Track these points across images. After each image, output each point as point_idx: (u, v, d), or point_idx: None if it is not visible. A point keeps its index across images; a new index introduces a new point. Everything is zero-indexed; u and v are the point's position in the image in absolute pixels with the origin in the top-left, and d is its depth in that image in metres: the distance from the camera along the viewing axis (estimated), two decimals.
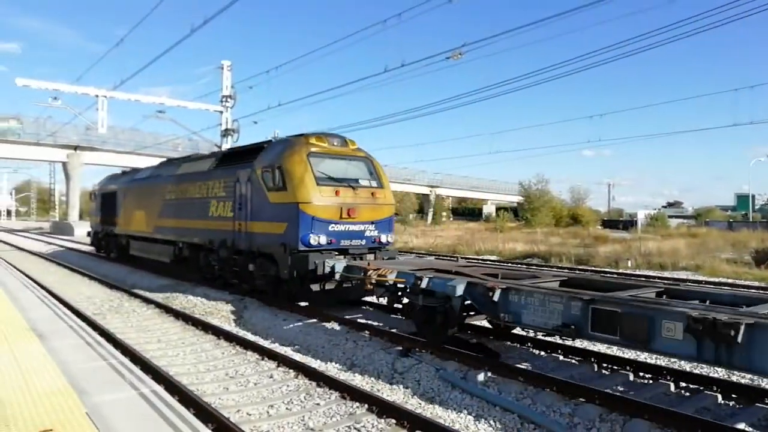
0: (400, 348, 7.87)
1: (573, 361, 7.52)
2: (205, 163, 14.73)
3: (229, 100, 26.18)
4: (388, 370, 7.25)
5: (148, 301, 12.47)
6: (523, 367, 6.94)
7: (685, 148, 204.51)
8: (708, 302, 6.21)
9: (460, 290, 7.22)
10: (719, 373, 6.89)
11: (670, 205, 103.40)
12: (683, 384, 6.48)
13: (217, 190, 13.31)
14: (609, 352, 7.78)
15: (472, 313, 7.86)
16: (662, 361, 7.37)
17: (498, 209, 73.31)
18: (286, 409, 5.96)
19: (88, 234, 26.24)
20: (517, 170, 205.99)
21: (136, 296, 13.19)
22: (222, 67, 26.05)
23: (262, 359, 7.80)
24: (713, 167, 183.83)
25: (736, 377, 6.77)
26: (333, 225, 10.71)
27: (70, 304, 11.33)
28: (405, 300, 8.52)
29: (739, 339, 4.64)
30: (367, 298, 11.04)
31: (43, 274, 17.62)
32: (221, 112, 26.34)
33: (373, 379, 7.00)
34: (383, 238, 11.51)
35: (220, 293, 13.02)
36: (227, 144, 26.29)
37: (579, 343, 8.11)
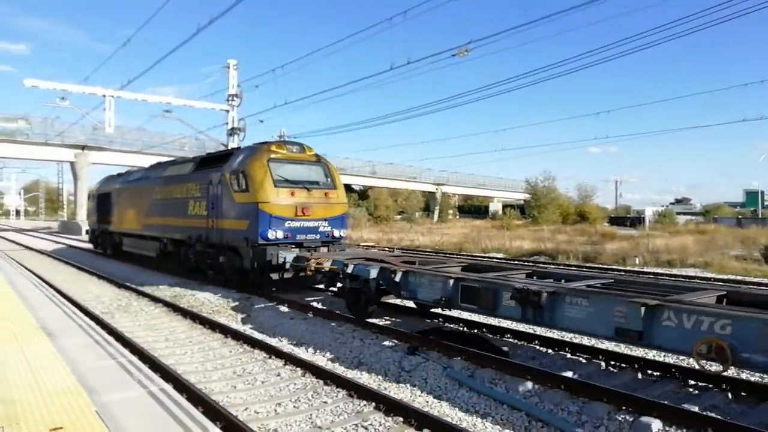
0: (407, 346, 7.87)
1: (580, 359, 7.49)
2: (186, 167, 16.18)
3: (235, 99, 26.24)
4: (395, 369, 7.25)
5: (156, 300, 12.53)
6: (530, 365, 6.91)
7: (693, 144, 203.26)
8: (563, 281, 7.63)
9: (374, 274, 8.94)
10: (729, 371, 6.83)
11: (678, 201, 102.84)
12: (692, 381, 6.45)
13: (194, 192, 14.79)
14: (617, 349, 7.74)
15: (386, 293, 9.31)
16: (670, 359, 7.34)
17: (504, 207, 73.17)
18: (294, 407, 5.98)
19: (86, 232, 27.90)
20: (523, 168, 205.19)
21: (144, 295, 13.26)
22: (228, 66, 26.11)
23: (270, 357, 7.82)
24: (721, 163, 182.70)
25: (746, 375, 6.72)
26: (289, 222, 12.25)
27: (79, 303, 11.41)
28: (339, 284, 10.07)
29: (542, 303, 6.30)
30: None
31: (52, 273, 17.74)
32: (227, 111, 26.40)
33: (380, 377, 7.01)
34: (336, 233, 13.09)
35: (227, 292, 13.09)
36: (233, 143, 26.37)
37: (587, 341, 8.10)
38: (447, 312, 9.82)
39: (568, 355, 7.65)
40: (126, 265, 19.30)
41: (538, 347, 8.10)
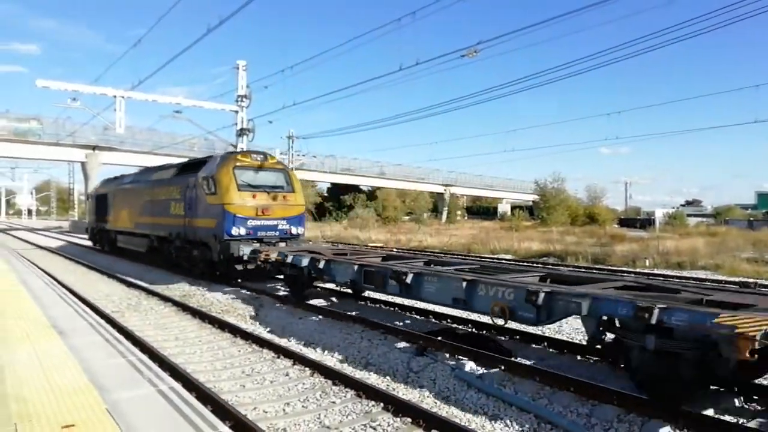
0: (416, 347, 7.87)
1: (590, 360, 7.44)
2: (169, 172, 18.24)
3: (244, 99, 26.35)
4: (403, 369, 7.25)
5: (165, 299, 12.60)
6: (539, 366, 6.88)
7: (704, 145, 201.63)
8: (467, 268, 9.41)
9: (305, 263, 10.89)
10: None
11: (688, 203, 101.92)
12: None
13: (175, 194, 16.58)
14: None
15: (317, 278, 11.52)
16: None
17: (513, 208, 72.90)
18: (302, 407, 5.99)
19: (86, 230, 29.65)
20: (532, 169, 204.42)
21: (154, 294, 13.34)
22: (237, 67, 26.22)
23: (278, 357, 7.84)
24: (733, 165, 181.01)
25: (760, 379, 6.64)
26: (251, 220, 14.08)
27: (90, 302, 11.50)
28: (286, 272, 11.93)
29: (410, 282, 8.32)
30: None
31: (63, 272, 17.90)
32: (237, 112, 26.51)
33: (388, 377, 7.01)
34: (294, 231, 14.97)
35: (236, 292, 13.16)
36: (243, 143, 26.48)
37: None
38: (453, 312, 9.83)
39: (579, 357, 7.61)
40: (136, 265, 19.43)
41: (547, 349, 8.06)
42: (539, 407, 5.78)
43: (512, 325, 8.92)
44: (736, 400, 5.87)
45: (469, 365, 7.02)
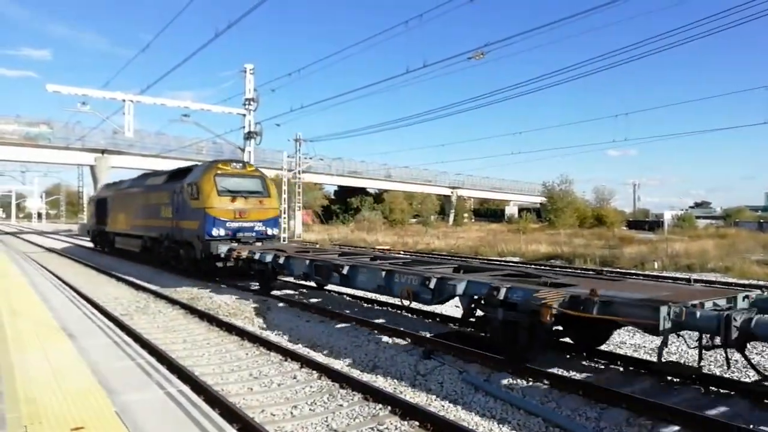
0: (423, 350, 7.85)
1: (599, 364, 7.40)
2: (160, 179, 19.87)
3: (251, 103, 26.45)
4: (410, 372, 7.23)
5: (173, 302, 12.66)
6: (547, 370, 6.85)
7: (713, 147, 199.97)
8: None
9: (269, 259, 12.48)
10: (751, 375, 6.72)
11: (697, 205, 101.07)
12: (713, 388, 6.33)
13: (164, 199, 18.08)
14: (636, 355, 7.64)
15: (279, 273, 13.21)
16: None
17: (521, 210, 72.64)
18: (310, 410, 5.99)
19: (87, 233, 31.99)
20: (539, 171, 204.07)
21: (162, 297, 13.40)
22: (245, 70, 26.34)
23: (286, 360, 7.85)
24: (742, 166, 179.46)
25: None
26: (229, 222, 15.57)
27: (99, 305, 11.56)
28: (255, 268, 13.55)
29: (345, 272, 9.93)
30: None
31: (72, 275, 18.02)
32: (244, 115, 26.62)
33: (395, 380, 7.00)
34: (269, 232, 16.50)
35: (244, 294, 13.19)
36: (250, 147, 26.58)
37: (605, 347, 8.01)
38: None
39: (585, 362, 7.56)
40: (144, 268, 19.54)
41: (555, 352, 8.01)
42: (547, 411, 5.75)
43: None
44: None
45: (477, 368, 7.00)
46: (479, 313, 7.68)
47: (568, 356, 7.78)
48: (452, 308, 10.74)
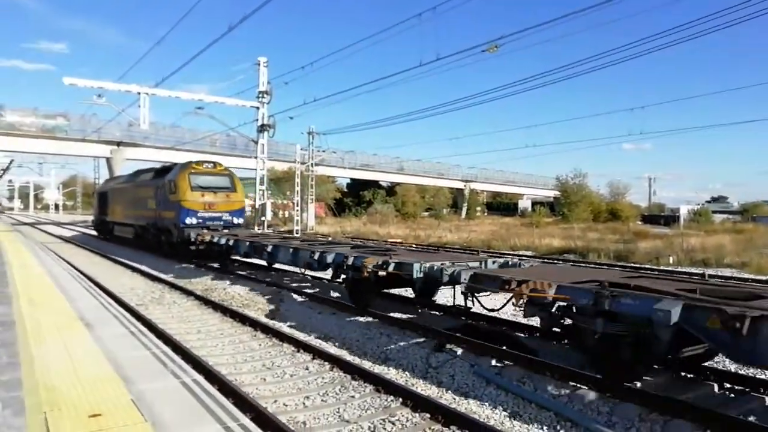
0: (435, 343, 7.87)
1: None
2: (148, 176, 23.15)
3: (265, 96, 26.52)
4: (422, 365, 7.26)
5: (187, 292, 12.80)
6: (559, 364, 6.83)
7: (731, 141, 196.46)
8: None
9: (223, 242, 15.70)
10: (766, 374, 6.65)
11: (714, 200, 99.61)
12: (728, 385, 6.28)
13: (150, 193, 21.21)
14: None
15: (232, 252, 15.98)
16: (706, 362, 7.15)
17: (534, 204, 72.13)
18: (322, 400, 6.05)
19: (92, 222, 35.95)
20: (553, 164, 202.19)
21: (177, 288, 13.56)
22: (258, 63, 26.39)
23: (298, 351, 7.92)
24: (760, 160, 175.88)
25: None
26: (200, 213, 18.66)
27: (115, 295, 11.72)
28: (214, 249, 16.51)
29: (270, 251, 12.93)
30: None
31: (88, 265, 18.27)
32: (258, 108, 26.71)
33: (407, 373, 7.03)
34: (235, 221, 19.62)
35: (257, 286, 13.30)
36: (263, 139, 26.68)
37: None
38: (473, 309, 9.80)
39: None
40: (159, 259, 19.77)
41: (566, 347, 7.98)
42: (559, 405, 5.74)
43: (533, 321, 8.91)
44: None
45: (489, 362, 7.00)
46: (343, 276, 10.51)
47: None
48: (460, 300, 10.73)
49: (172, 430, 3.26)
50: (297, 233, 31.13)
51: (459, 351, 7.47)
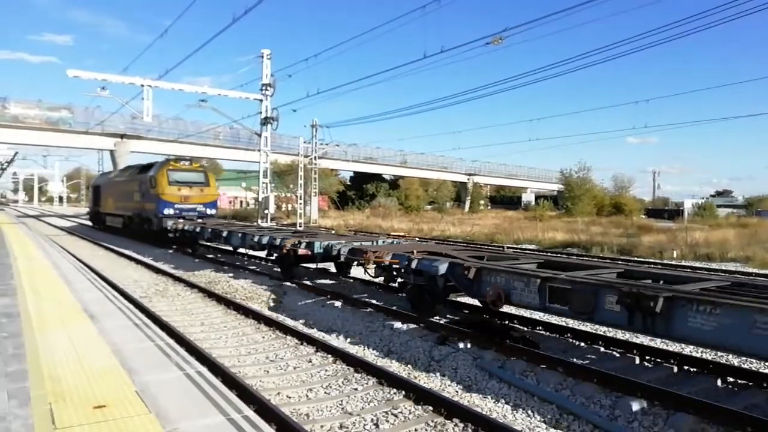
0: (437, 336, 7.89)
1: (614, 353, 7.37)
2: (135, 172, 25.60)
3: (268, 88, 26.50)
4: (424, 358, 7.28)
5: (191, 285, 12.84)
6: (562, 357, 6.84)
7: (736, 134, 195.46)
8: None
9: (189, 228, 18.08)
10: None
11: (719, 194, 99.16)
12: (731, 379, 6.28)
13: (135, 187, 23.86)
14: (652, 344, 7.59)
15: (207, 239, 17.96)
16: (708, 355, 7.16)
17: (538, 198, 72.00)
18: (325, 393, 6.07)
19: (87, 213, 40.32)
20: (557, 158, 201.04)
21: (180, 280, 13.60)
22: (262, 56, 26.34)
23: (301, 344, 7.95)
24: (766, 154, 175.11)
25: None
26: (177, 204, 21.24)
27: (119, 287, 11.78)
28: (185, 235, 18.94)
29: (224, 236, 15.87)
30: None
31: (92, 257, 18.35)
32: (261, 101, 26.68)
33: (410, 366, 7.05)
34: (208, 212, 22.32)
35: (260, 279, 13.34)
36: (267, 132, 26.64)
37: (621, 335, 7.96)
38: (475, 303, 9.81)
39: (602, 349, 7.54)
40: (163, 252, 19.84)
41: (570, 340, 8.00)
42: (562, 398, 5.75)
43: (536, 315, 8.95)
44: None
45: (491, 355, 7.02)
46: (275, 254, 13.30)
47: (582, 344, 7.76)
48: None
49: (177, 421, 3.28)
50: (300, 226, 31.16)
51: (461, 344, 7.48)
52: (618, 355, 7.28)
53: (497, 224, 35.62)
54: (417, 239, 23.59)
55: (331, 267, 13.87)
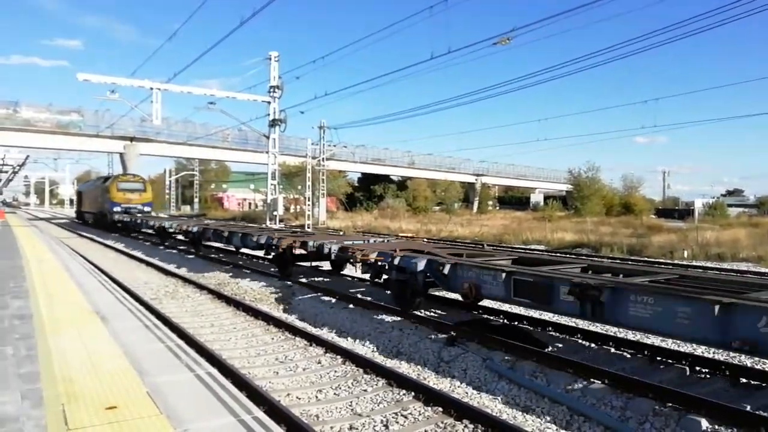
0: (447, 337, 7.87)
1: (625, 353, 7.32)
2: (101, 182, 37.80)
3: (276, 90, 26.59)
4: (434, 359, 7.27)
5: (201, 287, 12.90)
6: (572, 358, 6.81)
7: (747, 133, 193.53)
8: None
9: (128, 219, 29.59)
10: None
11: (729, 193, 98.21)
12: (743, 380, 6.22)
13: (99, 192, 35.92)
14: (663, 344, 7.53)
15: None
16: (720, 356, 7.10)
17: (546, 198, 71.66)
18: (334, 394, 6.08)
19: (75, 212, 52.96)
20: (566, 158, 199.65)
21: (190, 282, 13.67)
22: (270, 58, 26.44)
23: (311, 345, 7.96)
24: None
25: None
26: (122, 205, 32.90)
27: (129, 289, 11.85)
28: (127, 226, 29.57)
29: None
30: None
31: (103, 259, 18.50)
32: (269, 103, 26.77)
33: (419, 367, 7.04)
34: (145, 210, 33.53)
35: (269, 281, 13.37)
36: (275, 134, 26.73)
37: (631, 336, 7.91)
38: (484, 303, 9.80)
39: (612, 350, 7.49)
40: (172, 254, 19.95)
41: (580, 341, 7.96)
42: (572, 399, 5.72)
43: (545, 316, 8.91)
44: None
45: (501, 356, 6.99)
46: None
47: (592, 345, 7.72)
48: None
49: (187, 422, 3.30)
50: (308, 228, 31.23)
51: (471, 345, 7.46)
52: (629, 356, 7.23)
53: (506, 225, 35.49)
54: (425, 240, 23.57)
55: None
